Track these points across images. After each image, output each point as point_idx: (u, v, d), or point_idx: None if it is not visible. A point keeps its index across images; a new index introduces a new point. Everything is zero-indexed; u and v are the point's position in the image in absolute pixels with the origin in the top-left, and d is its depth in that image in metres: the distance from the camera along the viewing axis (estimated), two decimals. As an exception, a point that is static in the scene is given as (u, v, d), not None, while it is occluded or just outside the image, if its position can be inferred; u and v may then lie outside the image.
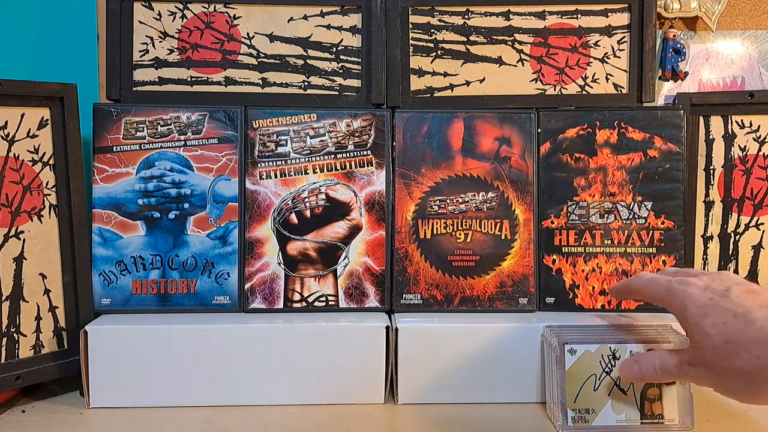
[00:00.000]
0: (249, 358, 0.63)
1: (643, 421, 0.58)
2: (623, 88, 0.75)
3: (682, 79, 0.79)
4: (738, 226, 0.75)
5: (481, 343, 0.64)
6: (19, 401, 0.66)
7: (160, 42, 0.73)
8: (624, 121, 0.71)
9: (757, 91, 0.75)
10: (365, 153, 0.70)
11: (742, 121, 0.75)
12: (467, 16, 0.75)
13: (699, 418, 0.59)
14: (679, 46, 0.78)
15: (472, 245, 0.70)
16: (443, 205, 0.70)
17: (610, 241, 0.71)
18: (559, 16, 0.75)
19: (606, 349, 0.58)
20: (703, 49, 0.81)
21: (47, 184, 0.67)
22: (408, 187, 0.70)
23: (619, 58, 0.75)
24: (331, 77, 0.74)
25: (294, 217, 0.70)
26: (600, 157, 0.71)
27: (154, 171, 0.69)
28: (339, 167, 0.70)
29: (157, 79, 0.73)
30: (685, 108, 0.73)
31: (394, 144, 0.71)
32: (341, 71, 0.74)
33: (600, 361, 0.58)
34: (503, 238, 0.70)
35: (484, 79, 0.75)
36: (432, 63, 0.75)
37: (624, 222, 0.71)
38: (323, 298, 0.69)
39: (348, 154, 0.70)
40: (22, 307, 0.64)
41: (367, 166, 0.70)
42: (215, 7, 0.74)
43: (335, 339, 0.64)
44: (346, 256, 0.70)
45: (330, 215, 0.70)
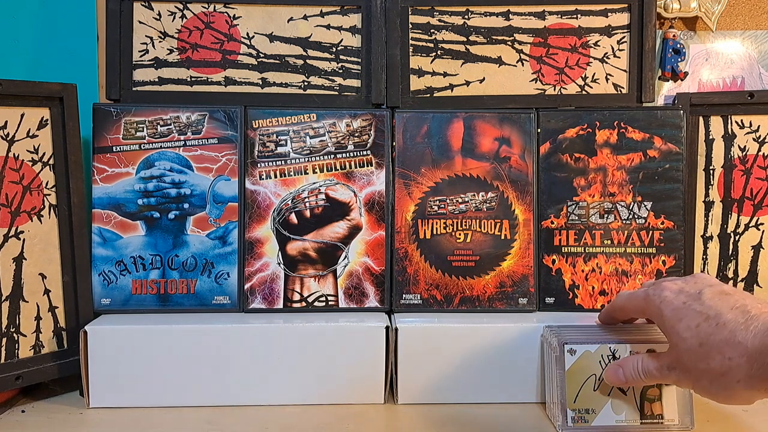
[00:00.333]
0: (249, 358, 0.63)
1: (643, 421, 0.58)
2: (623, 88, 0.75)
3: (682, 80, 0.79)
4: (738, 226, 0.75)
5: (480, 343, 0.64)
6: (19, 401, 0.66)
7: (160, 42, 0.73)
8: (624, 121, 0.71)
9: (757, 91, 0.75)
10: (365, 153, 0.70)
11: (741, 121, 0.75)
12: (467, 16, 0.75)
13: (699, 418, 0.59)
14: (678, 46, 0.78)
15: (472, 245, 0.70)
16: (443, 205, 0.70)
17: (609, 241, 0.71)
18: (559, 16, 0.75)
19: (606, 349, 0.58)
20: (702, 49, 0.81)
21: (47, 184, 0.66)
22: (408, 187, 0.70)
23: (619, 58, 0.75)
24: (330, 77, 0.74)
25: (294, 217, 0.70)
26: (600, 157, 0.71)
27: (154, 171, 0.69)
28: (339, 167, 0.70)
29: (156, 79, 0.73)
30: (685, 108, 0.73)
31: (394, 144, 0.71)
32: (341, 71, 0.74)
33: (600, 361, 0.58)
34: (503, 238, 0.70)
35: (484, 79, 0.75)
36: (432, 63, 0.75)
37: (624, 222, 0.71)
38: (323, 298, 0.69)
39: (348, 154, 0.70)
40: (22, 307, 0.64)
41: (367, 166, 0.70)
42: (215, 7, 0.74)
43: (335, 339, 0.64)
44: (346, 256, 0.70)
45: (330, 215, 0.70)
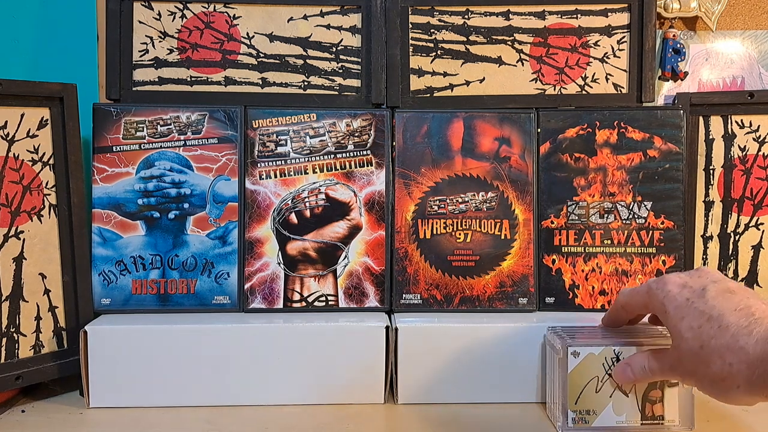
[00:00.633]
0: (249, 358, 0.63)
1: (644, 422, 0.57)
2: (623, 88, 0.75)
3: (682, 79, 0.79)
4: (738, 226, 0.75)
5: (480, 343, 0.64)
6: (19, 401, 0.66)
7: (160, 42, 0.73)
8: (624, 121, 0.71)
9: (756, 91, 0.75)
10: (365, 153, 0.70)
11: (741, 121, 0.75)
12: (467, 16, 0.75)
13: (699, 418, 0.58)
14: (678, 46, 0.78)
15: (472, 245, 0.70)
16: (443, 205, 0.70)
17: (609, 241, 0.71)
18: (559, 16, 0.75)
19: (610, 351, 0.57)
20: (702, 49, 0.81)
21: (47, 184, 0.66)
22: (408, 187, 0.70)
23: (619, 58, 0.75)
24: (330, 77, 0.74)
25: (294, 217, 0.70)
26: (600, 157, 0.71)
27: (154, 171, 0.69)
28: (339, 167, 0.70)
29: (156, 79, 0.73)
30: (685, 108, 0.73)
31: (394, 144, 0.71)
32: (341, 71, 0.74)
33: (603, 364, 0.57)
34: (503, 238, 0.70)
35: (484, 79, 0.75)
36: (432, 63, 0.75)
37: (624, 222, 0.71)
38: (323, 298, 0.69)
39: (348, 154, 0.70)
40: (22, 307, 0.64)
41: (367, 166, 0.70)
42: (215, 7, 0.74)
43: (335, 339, 0.64)
44: (346, 256, 0.70)
45: (330, 215, 0.70)
